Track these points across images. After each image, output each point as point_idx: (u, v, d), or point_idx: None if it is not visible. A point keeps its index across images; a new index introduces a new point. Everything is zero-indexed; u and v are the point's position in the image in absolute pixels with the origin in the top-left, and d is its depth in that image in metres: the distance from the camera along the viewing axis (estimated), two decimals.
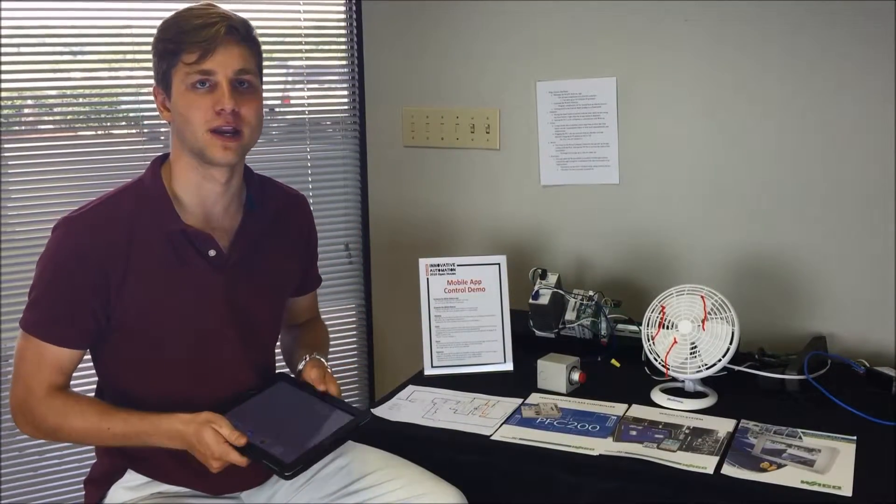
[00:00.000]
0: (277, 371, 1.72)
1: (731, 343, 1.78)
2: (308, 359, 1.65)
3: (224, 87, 1.48)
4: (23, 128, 2.26)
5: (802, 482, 1.49)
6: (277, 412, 1.56)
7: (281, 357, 1.84)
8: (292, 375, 1.69)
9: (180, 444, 1.47)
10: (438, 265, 2.07)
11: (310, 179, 2.59)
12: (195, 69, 1.48)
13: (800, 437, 1.66)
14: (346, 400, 2.59)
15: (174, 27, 1.50)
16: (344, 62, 2.62)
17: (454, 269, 2.07)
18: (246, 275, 1.61)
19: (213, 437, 1.43)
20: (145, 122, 2.36)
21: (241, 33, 1.50)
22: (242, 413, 1.52)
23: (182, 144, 1.54)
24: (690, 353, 1.80)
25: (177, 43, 1.48)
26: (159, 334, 1.54)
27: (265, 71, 1.63)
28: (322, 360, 1.66)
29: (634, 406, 1.82)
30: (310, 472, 1.67)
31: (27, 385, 1.51)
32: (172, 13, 1.53)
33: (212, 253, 1.56)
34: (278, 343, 1.80)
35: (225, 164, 1.52)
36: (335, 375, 1.65)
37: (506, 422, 1.76)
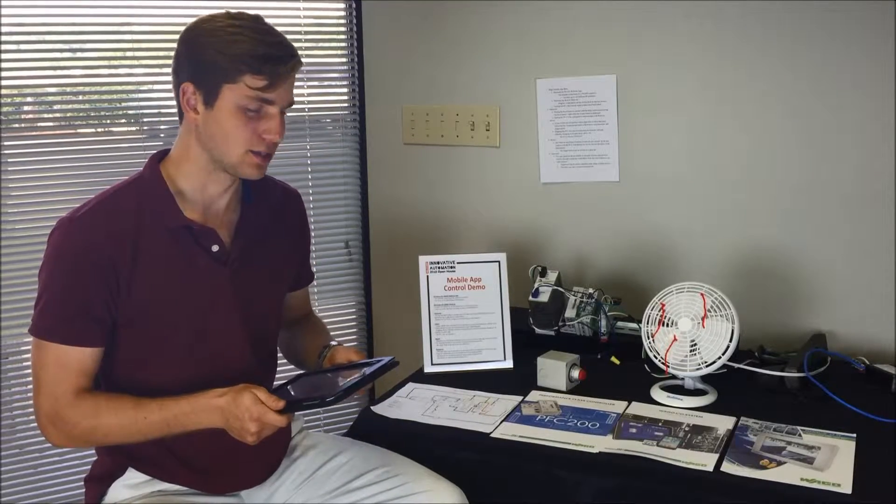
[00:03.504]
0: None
1: (730, 340, 1.78)
2: (333, 344, 1.70)
3: (278, 119, 1.50)
4: (23, 125, 2.26)
5: (802, 479, 1.49)
6: (308, 384, 1.58)
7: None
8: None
9: (218, 418, 1.47)
10: (438, 263, 2.07)
11: (310, 177, 2.59)
12: (258, 96, 1.47)
13: (799, 435, 1.66)
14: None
15: (244, 44, 1.45)
16: (344, 59, 2.62)
17: (454, 267, 2.07)
18: (248, 268, 1.61)
19: (252, 398, 1.44)
20: (145, 120, 2.36)
21: (298, 69, 1.52)
22: (275, 393, 1.53)
23: (203, 150, 1.53)
24: (690, 351, 1.80)
25: (245, 63, 1.45)
26: (164, 329, 1.54)
27: None
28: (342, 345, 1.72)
29: (634, 403, 1.82)
30: (309, 470, 1.68)
31: (52, 393, 1.49)
32: (230, 19, 1.48)
33: (214, 248, 1.57)
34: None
35: (254, 179, 1.56)
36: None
37: (505, 419, 1.76)
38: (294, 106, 1.57)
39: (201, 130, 1.51)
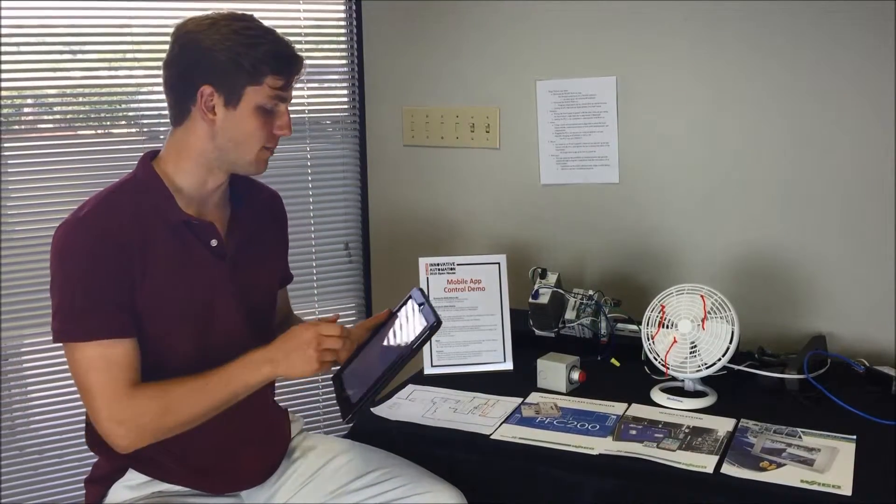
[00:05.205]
0: None
1: (730, 342, 1.78)
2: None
3: (287, 115, 1.57)
4: (22, 127, 2.26)
5: (802, 481, 1.49)
6: (353, 372, 1.62)
7: None
8: None
9: (272, 365, 1.50)
10: (438, 264, 2.07)
11: (310, 178, 2.59)
12: (277, 94, 1.54)
13: (799, 437, 1.66)
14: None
15: (267, 45, 1.51)
16: (344, 61, 2.62)
17: (454, 269, 2.07)
18: (244, 263, 1.63)
19: (301, 325, 1.53)
20: (144, 122, 2.36)
21: None
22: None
23: (215, 149, 1.54)
24: (690, 353, 1.80)
25: (267, 65, 1.51)
26: (170, 325, 1.54)
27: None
28: None
29: (634, 405, 1.82)
30: (309, 471, 1.68)
31: (108, 395, 1.45)
32: (237, 21, 1.52)
33: (213, 243, 1.58)
34: None
35: (257, 174, 1.61)
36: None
37: (505, 421, 1.76)
38: (294, 107, 1.59)
39: (219, 131, 1.53)
